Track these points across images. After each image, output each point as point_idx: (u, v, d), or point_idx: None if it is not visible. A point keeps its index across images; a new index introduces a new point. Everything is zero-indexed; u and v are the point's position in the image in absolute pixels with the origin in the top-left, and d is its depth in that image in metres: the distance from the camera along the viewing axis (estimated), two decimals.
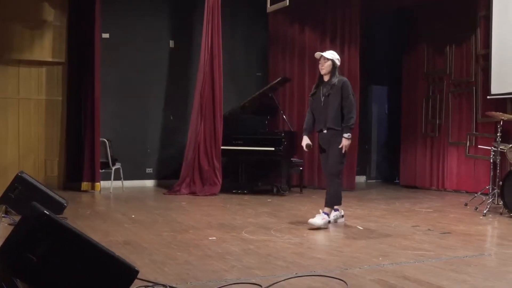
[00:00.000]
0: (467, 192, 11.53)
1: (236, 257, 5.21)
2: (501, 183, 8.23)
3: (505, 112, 10.46)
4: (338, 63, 7.17)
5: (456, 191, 11.89)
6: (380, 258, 5.19)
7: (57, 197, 7.97)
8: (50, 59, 11.68)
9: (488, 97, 10.79)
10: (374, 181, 14.98)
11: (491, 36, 10.65)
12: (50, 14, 11.63)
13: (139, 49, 12.42)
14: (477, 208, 8.86)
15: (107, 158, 11.31)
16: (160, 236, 6.27)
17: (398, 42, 13.92)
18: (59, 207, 7.84)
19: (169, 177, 12.17)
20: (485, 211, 8.31)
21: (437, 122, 12.40)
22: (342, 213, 7.54)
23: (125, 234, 6.42)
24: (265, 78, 13.10)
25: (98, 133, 11.20)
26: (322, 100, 7.14)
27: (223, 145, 11.05)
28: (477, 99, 11.35)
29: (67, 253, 3.84)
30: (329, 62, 7.08)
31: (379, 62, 14.63)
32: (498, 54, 10.53)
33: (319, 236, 6.55)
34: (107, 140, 11.32)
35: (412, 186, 12.96)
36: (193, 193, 10.86)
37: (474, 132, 11.37)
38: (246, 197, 10.42)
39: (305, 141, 7.35)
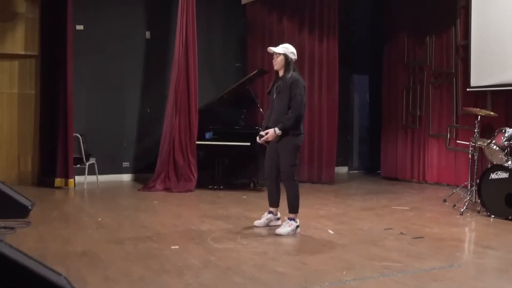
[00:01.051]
0: (448, 185, 11.35)
1: (194, 272, 4.97)
2: (478, 181, 8.03)
3: (485, 105, 10.31)
4: (293, 57, 6.71)
5: (437, 183, 11.70)
6: (344, 272, 4.97)
7: (21, 200, 7.64)
8: (22, 52, 11.34)
9: (467, 89, 10.56)
10: (356, 171, 14.77)
11: (470, 27, 10.42)
12: (22, 6, 11.28)
13: (114, 41, 12.11)
14: (455, 206, 8.67)
15: (80, 154, 11.04)
16: (121, 245, 6.02)
17: (378, 31, 13.67)
18: (23, 210, 7.52)
19: (146, 170, 11.86)
20: (462, 210, 8.12)
21: (418, 113, 12.18)
22: (279, 215, 7.12)
23: (86, 242, 6.17)
24: (244, 68, 12.83)
25: (71, 129, 10.89)
26: (274, 98, 6.75)
27: (198, 140, 10.79)
28: (457, 91, 11.14)
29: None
30: (281, 57, 6.69)
31: (359, 51, 14.40)
32: (477, 46, 10.30)
33: (286, 244, 6.29)
34: (81, 135, 11.05)
35: (393, 178, 12.75)
36: (168, 189, 10.61)
37: (454, 125, 11.16)
38: (221, 194, 10.19)
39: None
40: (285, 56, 6.69)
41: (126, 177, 12.35)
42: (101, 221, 7.47)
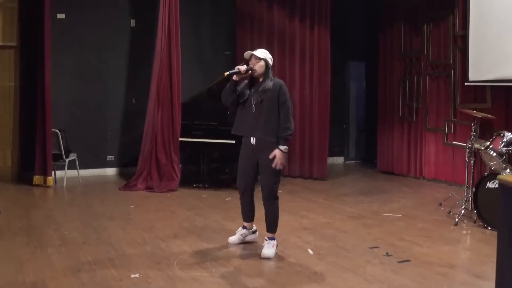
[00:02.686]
0: (445, 181, 10.83)
1: None
2: (474, 189, 7.46)
3: (484, 99, 9.75)
4: (271, 63, 6.14)
5: (434, 180, 11.15)
6: None
7: None
8: (0, 43, 10.89)
9: (465, 83, 9.95)
10: (353, 161, 14.27)
11: (468, 17, 9.77)
12: None
13: (97, 30, 11.65)
14: (450, 212, 8.14)
15: (60, 150, 10.54)
16: (77, 274, 5.46)
17: (373, 18, 13.00)
18: None
19: (131, 164, 11.32)
20: (457, 219, 7.56)
21: (414, 105, 11.58)
22: (254, 228, 6.64)
23: (40, 268, 5.62)
24: (234, 57, 12.27)
25: (49, 124, 10.37)
26: (253, 106, 6.05)
27: (182, 137, 10.27)
28: (455, 84, 10.52)
29: None
30: (262, 62, 6.04)
31: (355, 37, 13.81)
32: (475, 38, 9.65)
33: (257, 272, 5.65)
34: (60, 131, 10.55)
35: (389, 172, 12.19)
36: (150, 188, 10.13)
37: (452, 119, 10.55)
38: (205, 194, 9.70)
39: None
40: (266, 61, 6.07)
41: (111, 171, 11.94)
42: (67, 235, 6.95)
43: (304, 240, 6.78)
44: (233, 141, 9.72)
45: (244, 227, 6.60)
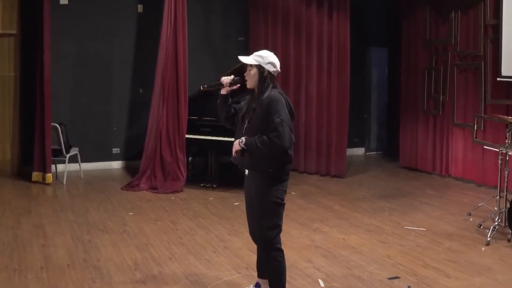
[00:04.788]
0: (474, 182, 10.00)
1: None
2: (508, 206, 6.65)
3: None
4: (271, 69, 4.58)
5: (461, 179, 10.33)
6: None
7: None
8: None
9: (498, 79, 9.08)
10: (374, 153, 13.51)
11: (502, 4, 8.87)
12: None
13: (102, 16, 11.13)
14: (480, 226, 7.32)
15: (60, 145, 9.91)
16: None
17: (397, 2, 12.08)
18: None
19: (138, 157, 10.66)
20: (489, 238, 6.73)
21: (441, 98, 10.71)
22: None
23: None
24: (247, 43, 11.61)
25: (48, 118, 9.81)
26: (245, 126, 4.65)
27: (189, 133, 9.59)
28: (486, 77, 9.63)
29: None
30: (254, 71, 4.58)
31: (376, 22, 13.04)
32: (509, 28, 8.76)
33: None
34: (59, 125, 9.97)
35: (412, 168, 11.37)
36: (153, 188, 9.50)
37: (482, 115, 9.65)
38: (212, 197, 9.03)
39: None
40: (260, 69, 4.58)
41: (116, 165, 11.49)
42: (53, 253, 6.27)
43: (315, 265, 6.00)
44: None
45: (257, 285, 5.09)
